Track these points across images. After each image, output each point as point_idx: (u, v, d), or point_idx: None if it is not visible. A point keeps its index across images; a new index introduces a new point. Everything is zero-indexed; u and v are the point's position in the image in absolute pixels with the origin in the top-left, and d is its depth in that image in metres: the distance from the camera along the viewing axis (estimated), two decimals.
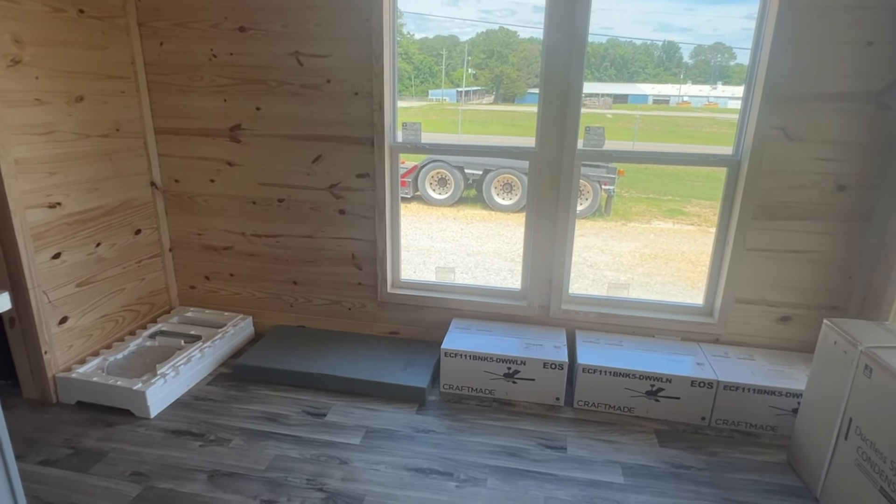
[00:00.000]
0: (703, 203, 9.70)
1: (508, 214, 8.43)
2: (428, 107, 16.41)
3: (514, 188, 8.51)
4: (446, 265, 5.35)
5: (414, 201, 8.94)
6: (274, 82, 2.54)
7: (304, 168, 2.65)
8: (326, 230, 2.74)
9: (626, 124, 15.48)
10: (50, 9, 2.13)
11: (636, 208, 9.24)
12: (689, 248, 7.20)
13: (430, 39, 16.92)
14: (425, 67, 18.77)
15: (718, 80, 16.92)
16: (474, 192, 9.13)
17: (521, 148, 2.57)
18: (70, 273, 2.33)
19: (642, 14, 17.03)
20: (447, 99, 18.78)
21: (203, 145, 2.70)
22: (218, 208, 2.81)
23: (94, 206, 2.43)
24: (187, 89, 2.62)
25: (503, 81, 20.84)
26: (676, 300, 2.73)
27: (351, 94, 2.49)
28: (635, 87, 18.81)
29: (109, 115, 2.46)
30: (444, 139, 10.17)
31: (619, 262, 6.52)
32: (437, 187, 8.82)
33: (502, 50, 20.26)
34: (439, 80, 19.23)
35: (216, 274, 2.94)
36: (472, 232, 7.61)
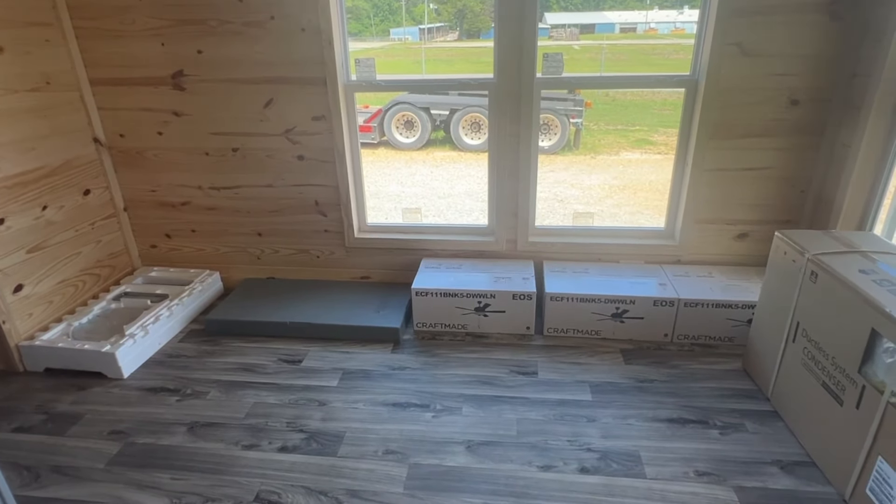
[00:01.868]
0: (670, 132, 9.73)
1: (478, 154, 8.34)
2: (390, 47, 15.78)
3: (482, 127, 8.37)
4: (413, 206, 5.32)
5: (381, 147, 8.76)
6: (214, 21, 2.38)
7: (256, 114, 2.54)
8: (286, 178, 2.67)
9: (594, 55, 15.19)
10: None
11: (604, 140, 9.23)
12: (657, 177, 7.28)
13: None
14: (384, 4, 17.89)
15: (685, 4, 16.59)
16: (442, 134, 8.96)
17: (479, 79, 2.50)
18: (17, 239, 2.23)
19: None
20: (410, 38, 18.04)
21: (145, 95, 2.56)
22: (169, 162, 2.69)
23: (34, 168, 2.30)
24: (120, 34, 2.44)
25: (466, 16, 20.05)
26: (639, 226, 2.77)
27: (298, 30, 2.36)
28: (602, 15, 18.36)
29: (36, 67, 2.29)
30: (406, 78, 9.85)
31: (588, 196, 6.58)
32: (403, 131, 8.63)
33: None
34: (400, 18, 18.39)
35: (176, 231, 2.86)
36: (441, 174, 7.54)
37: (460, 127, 8.37)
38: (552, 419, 1.92)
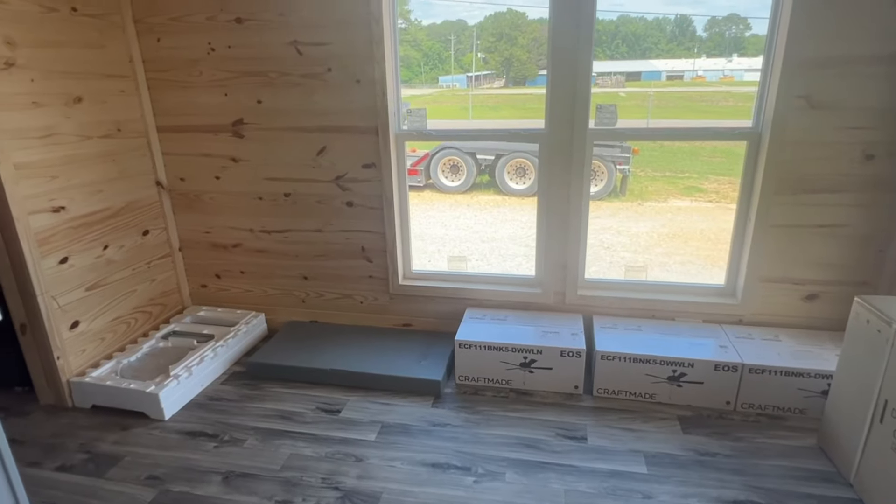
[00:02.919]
0: (721, 179, 9.46)
1: (522, 199, 8.32)
2: (438, 93, 16.25)
3: (527, 172, 8.38)
4: (459, 254, 5.29)
5: (427, 189, 8.87)
6: (274, 73, 2.48)
7: (309, 160, 2.60)
8: (334, 223, 2.69)
9: (640, 102, 15.15)
10: (42, 8, 2.09)
11: (652, 187, 9.05)
12: (708, 225, 7.03)
13: (438, 25, 16.69)
14: (434, 54, 18.56)
15: (734, 52, 16.45)
16: (487, 178, 9.02)
17: (531, 130, 2.48)
18: (78, 277, 2.32)
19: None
20: (457, 85, 18.57)
21: (207, 142, 2.66)
22: (225, 205, 2.77)
23: (100, 209, 2.41)
24: (188, 85, 2.57)
25: (513, 64, 20.53)
26: (697, 281, 2.63)
27: (353, 81, 2.42)
28: (648, 63, 18.42)
29: (110, 115, 2.43)
30: (454, 125, 10.00)
31: (636, 244, 6.39)
32: (449, 174, 8.74)
33: (511, 32, 19.92)
34: (449, 66, 19.00)
35: (226, 272, 2.92)
36: (486, 218, 7.53)
37: (505, 172, 8.41)
38: (603, 493, 1.77)
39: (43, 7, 2.09)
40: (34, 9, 2.06)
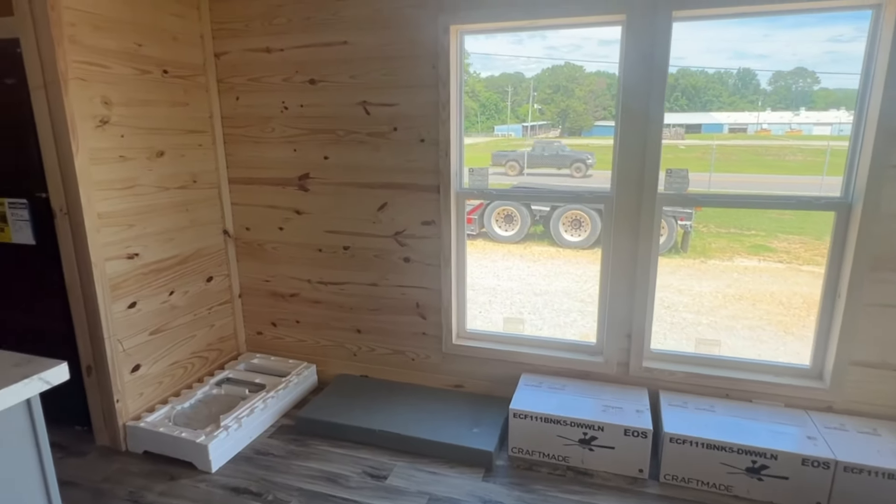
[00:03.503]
0: (791, 238, 8.96)
1: (577, 251, 8.14)
2: (493, 143, 16.51)
3: (582, 224, 8.24)
4: (514, 314, 5.16)
5: (479, 238, 8.87)
6: (342, 131, 2.55)
7: (370, 215, 2.62)
8: (391, 278, 2.67)
9: (701, 155, 14.77)
10: (137, 71, 2.25)
11: (716, 244, 8.67)
12: (779, 288, 6.60)
13: (496, 77, 17.13)
14: (491, 104, 19.00)
15: (801, 105, 15.90)
16: (541, 229, 8.93)
17: (595, 192, 2.41)
18: (144, 321, 2.38)
19: (715, 43, 16.43)
20: (513, 134, 18.82)
21: (273, 194, 2.75)
22: (286, 255, 2.82)
23: (170, 256, 2.50)
24: (260, 140, 2.68)
25: (569, 115, 20.67)
26: (776, 358, 2.41)
27: (417, 141, 2.45)
28: (709, 115, 18.07)
29: (187, 168, 2.55)
30: (513, 179, 10.05)
31: (699, 304, 6.07)
32: (503, 224, 8.71)
33: (568, 84, 20.16)
34: (505, 116, 19.34)
35: (282, 320, 2.94)
36: (539, 270, 7.39)
37: (560, 223, 8.29)
38: None
39: (138, 70, 2.25)
40: (131, 72, 2.22)
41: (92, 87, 2.06)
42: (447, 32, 2.28)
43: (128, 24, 2.19)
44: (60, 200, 2.08)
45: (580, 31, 2.21)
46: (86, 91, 2.04)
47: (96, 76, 2.08)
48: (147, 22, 2.28)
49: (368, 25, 2.39)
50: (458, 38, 2.37)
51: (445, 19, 2.27)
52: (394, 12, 2.35)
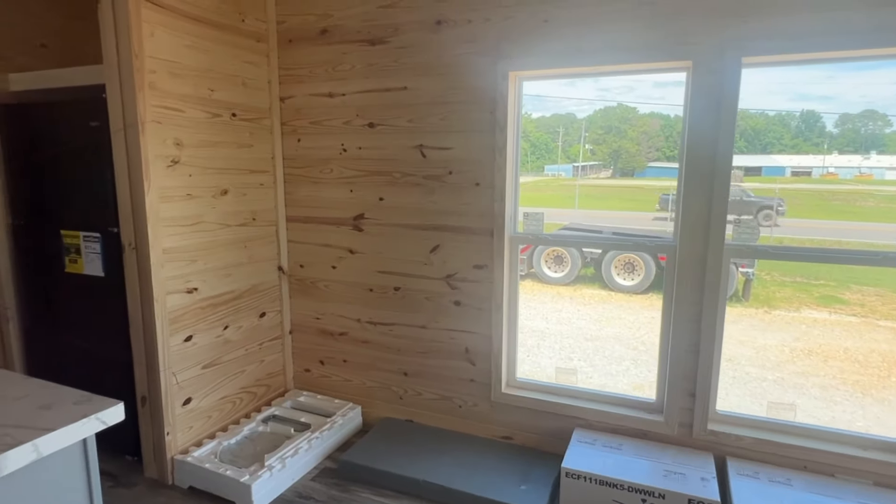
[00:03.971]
0: (866, 290, 8.35)
1: (630, 296, 7.86)
2: (544, 182, 16.48)
3: (636, 268, 7.98)
4: (563, 359, 4.99)
5: (528, 278, 8.74)
6: (398, 174, 2.57)
7: (422, 257, 2.60)
8: (440, 321, 2.63)
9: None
10: (208, 115, 2.37)
11: (781, 294, 8.18)
12: (854, 344, 6.11)
13: (548, 118, 17.26)
14: (541, 144, 19.10)
15: (871, 149, 15.12)
16: (592, 271, 8.71)
17: (657, 240, 2.31)
18: (198, 355, 2.43)
19: (776, 85, 15.99)
20: (563, 174, 18.78)
21: (328, 233, 2.79)
22: (337, 294, 2.84)
23: (227, 291, 2.55)
24: (318, 181, 2.75)
25: (621, 156, 20.47)
26: (862, 431, 2.18)
27: (472, 184, 2.44)
28: (770, 158, 17.43)
29: (248, 206, 2.63)
30: (561, 214, 9.91)
31: (763, 358, 5.68)
32: (552, 265, 8.57)
33: (620, 125, 20.06)
34: (555, 156, 19.37)
35: (330, 359, 2.94)
36: (590, 314, 7.17)
37: (612, 266, 8.07)
38: None
39: (209, 114, 2.37)
40: (202, 115, 2.34)
41: (166, 130, 2.18)
42: (506, 79, 2.29)
43: (203, 71, 2.32)
44: (130, 235, 2.18)
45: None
46: (160, 133, 2.15)
47: (171, 119, 2.19)
48: (220, 69, 2.41)
49: (428, 72, 2.44)
50: (516, 83, 2.37)
51: (505, 66, 2.28)
52: (454, 59, 2.38)
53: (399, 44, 2.48)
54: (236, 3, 2.47)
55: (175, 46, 2.19)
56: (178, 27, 2.20)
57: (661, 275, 8.13)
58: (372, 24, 2.51)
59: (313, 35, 2.63)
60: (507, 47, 2.28)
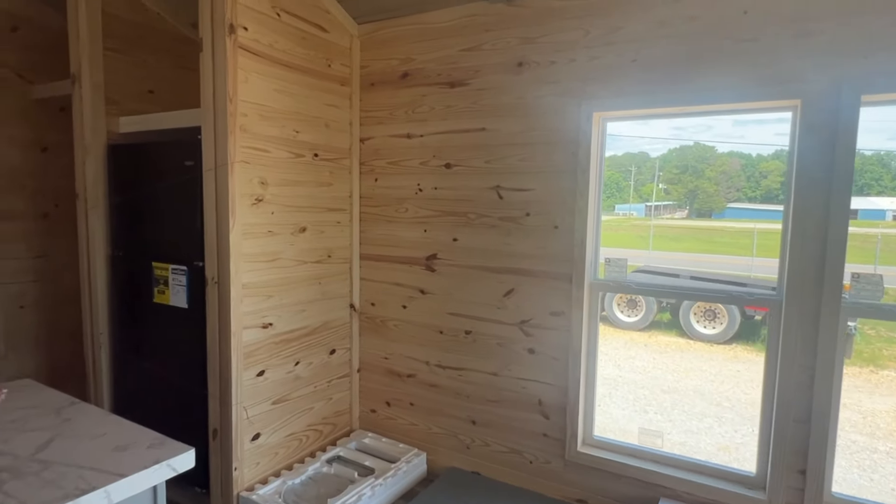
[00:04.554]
0: None
1: (711, 346, 7.31)
2: (615, 221, 16.01)
3: (717, 316, 7.44)
4: (643, 418, 4.63)
5: (600, 322, 8.35)
6: (473, 214, 2.52)
7: (495, 301, 2.51)
8: (513, 369, 2.50)
9: (861, 243, 13.00)
10: (292, 155, 2.44)
11: (889, 351, 7.33)
12: None
13: (619, 157, 16.92)
14: (612, 183, 18.70)
15: None
16: (668, 317, 8.22)
17: (757, 294, 2.09)
18: (269, 390, 2.43)
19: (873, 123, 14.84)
20: (634, 213, 18.20)
21: (400, 272, 2.77)
22: (407, 334, 2.79)
23: (300, 327, 2.57)
24: (393, 220, 2.75)
25: (698, 196, 19.61)
26: None
27: (550, 227, 2.34)
28: (868, 200, 16.04)
29: (324, 244, 2.67)
30: (635, 255, 9.52)
31: (871, 425, 5.05)
32: (625, 309, 8.17)
33: (697, 165, 19.29)
34: (627, 195, 18.85)
35: (397, 401, 2.87)
36: (666, 363, 6.72)
37: (692, 313, 7.57)
38: None
39: (293, 154, 2.44)
40: (287, 155, 2.41)
41: (253, 170, 2.25)
42: (590, 119, 2.20)
43: (289, 114, 2.41)
44: (213, 270, 2.25)
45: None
46: (247, 173, 2.23)
47: (258, 159, 2.27)
48: (305, 111, 2.49)
49: (507, 113, 2.40)
50: (600, 124, 2.28)
51: (590, 106, 2.20)
52: (535, 100, 2.33)
53: (479, 86, 2.46)
54: (325, 50, 2.57)
55: (266, 91, 2.29)
56: (270, 73, 2.30)
57: (747, 324, 7.52)
58: (453, 67, 2.52)
59: (394, 78, 2.68)
60: (592, 88, 2.21)
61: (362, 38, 2.76)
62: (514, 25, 2.36)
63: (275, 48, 2.31)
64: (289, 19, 2.37)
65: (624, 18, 2.13)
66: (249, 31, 2.19)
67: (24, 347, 3.26)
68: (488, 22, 2.42)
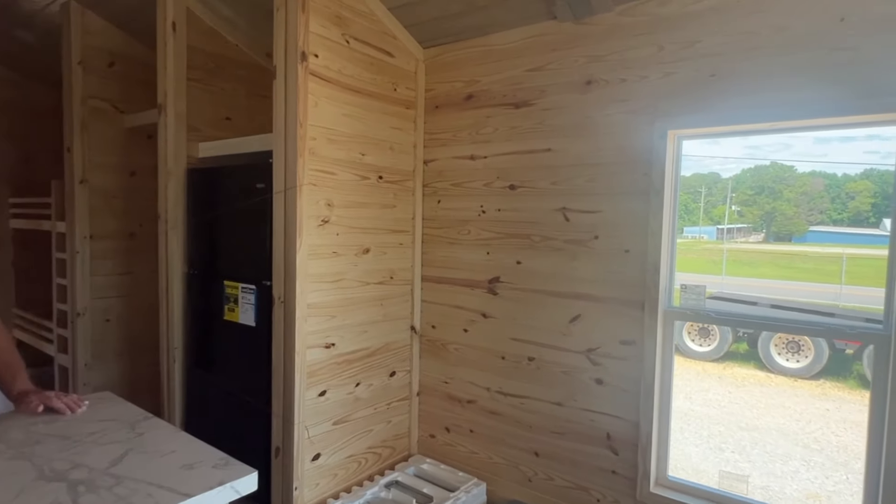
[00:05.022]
0: None
1: (795, 381, 6.74)
2: (684, 244, 15.30)
3: (802, 348, 6.86)
4: (729, 466, 4.26)
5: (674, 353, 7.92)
6: (537, 237, 2.45)
7: (560, 327, 2.41)
8: (579, 399, 2.38)
9: None
10: (358, 177, 2.48)
11: None
12: None
13: (687, 177, 16.23)
14: (680, 205, 17.85)
15: None
16: (745, 347, 7.68)
17: (857, 327, 1.88)
18: (330, 411, 2.44)
19: None
20: (705, 237, 17.32)
21: (462, 294, 2.72)
22: (467, 359, 2.73)
23: (361, 348, 2.57)
24: (455, 242, 2.72)
25: (776, 218, 18.43)
26: None
27: (620, 251, 2.22)
28: None
29: (387, 265, 2.67)
30: (707, 281, 9.00)
31: None
32: (696, 337, 7.71)
33: (775, 185, 18.17)
34: (696, 218, 17.99)
35: (456, 427, 2.80)
36: (744, 398, 6.24)
37: (772, 344, 7.02)
38: None
39: (359, 176, 2.48)
40: (353, 178, 2.45)
41: (320, 192, 2.30)
42: (664, 138, 2.09)
43: (356, 137, 2.45)
44: (280, 289, 2.30)
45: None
46: (315, 195, 2.28)
47: (325, 182, 2.32)
48: (371, 134, 2.53)
49: (575, 132, 2.33)
50: (675, 143, 2.16)
51: (664, 124, 2.09)
52: (604, 119, 2.25)
53: (545, 105, 2.41)
54: (391, 74, 2.62)
55: (334, 115, 2.35)
56: (339, 98, 2.36)
57: (837, 358, 6.88)
58: (518, 88, 2.49)
59: (459, 100, 2.69)
60: (666, 105, 2.10)
61: (427, 61, 2.79)
62: (581, 44, 2.31)
63: (343, 74, 2.37)
64: (357, 46, 2.43)
65: (702, 32, 2.03)
66: (320, 58, 2.26)
67: (109, 358, 3.47)
68: (555, 41, 2.37)
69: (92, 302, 3.33)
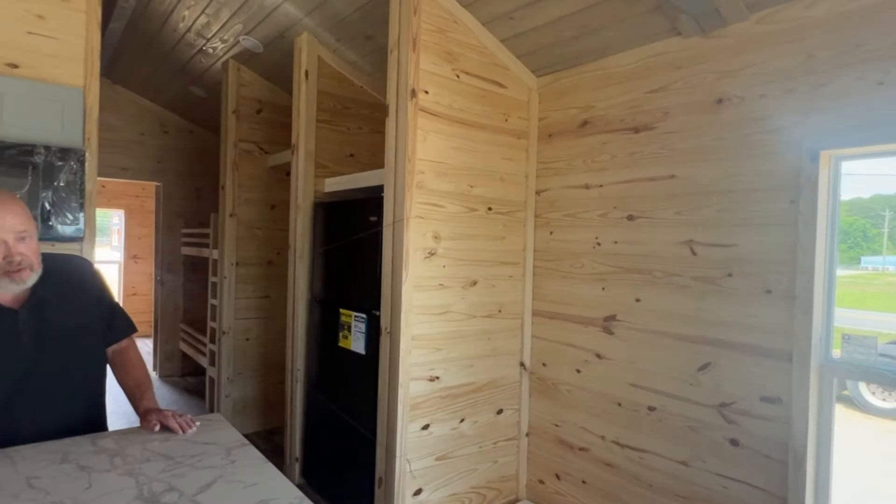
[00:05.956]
0: None
1: None
2: (861, 277, 13.03)
3: None
4: None
5: (839, 402, 6.70)
6: (659, 273, 2.21)
7: (687, 376, 2.12)
8: (708, 461, 2.06)
9: None
10: (466, 209, 2.46)
11: None
12: None
13: (865, 200, 13.90)
14: (856, 231, 15.40)
15: None
16: None
17: None
18: (433, 445, 2.40)
19: None
20: (890, 268, 14.61)
21: (574, 332, 2.55)
22: (580, 402, 2.53)
23: (467, 382, 2.51)
24: (568, 275, 2.57)
25: None
26: None
27: (761, 291, 1.91)
28: None
29: (495, 298, 2.60)
30: (888, 320, 7.60)
31: None
32: (878, 389, 6.41)
33: None
34: (878, 246, 15.29)
35: (567, 475, 2.59)
36: None
37: None
38: None
39: (467, 208, 2.46)
40: (461, 210, 2.44)
41: (427, 224, 2.32)
42: (816, 159, 1.77)
43: (464, 169, 2.45)
44: (387, 320, 2.34)
45: None
46: (422, 227, 2.30)
47: (432, 214, 2.34)
48: (480, 166, 2.51)
49: (703, 157, 2.08)
50: (830, 164, 1.82)
51: (815, 143, 1.77)
52: (739, 140, 1.98)
53: (667, 129, 2.20)
54: (502, 105, 2.59)
55: (443, 149, 2.37)
56: (448, 131, 2.38)
57: None
58: (637, 111, 2.30)
59: (573, 128, 2.56)
60: (818, 121, 1.78)
61: (541, 89, 2.71)
62: (710, 59, 2.07)
63: (453, 108, 2.39)
64: (468, 79, 2.44)
65: (866, 33, 1.70)
66: (430, 94, 2.31)
67: (247, 374, 3.83)
68: (679, 59, 2.16)
69: (235, 322, 3.71)
